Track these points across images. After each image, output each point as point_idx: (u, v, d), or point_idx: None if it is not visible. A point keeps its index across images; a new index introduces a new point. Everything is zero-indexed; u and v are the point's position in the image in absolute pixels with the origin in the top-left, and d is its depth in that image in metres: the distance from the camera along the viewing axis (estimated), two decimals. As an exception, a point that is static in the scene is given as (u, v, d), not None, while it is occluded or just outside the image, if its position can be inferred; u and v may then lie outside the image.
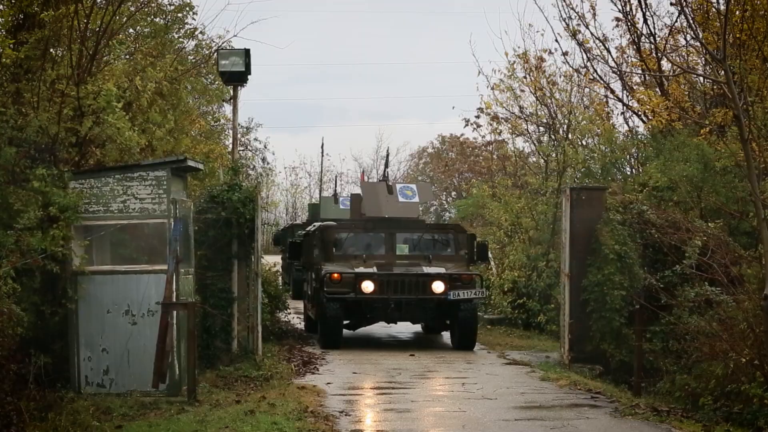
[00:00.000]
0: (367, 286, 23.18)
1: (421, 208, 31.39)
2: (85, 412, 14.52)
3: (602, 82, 32.55)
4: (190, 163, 17.36)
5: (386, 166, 34.14)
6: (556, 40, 39.70)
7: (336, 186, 51.76)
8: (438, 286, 23.33)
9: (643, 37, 29.39)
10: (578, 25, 30.71)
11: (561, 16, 30.71)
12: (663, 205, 22.15)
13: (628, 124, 33.20)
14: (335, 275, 23.25)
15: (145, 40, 23.61)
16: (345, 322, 24.44)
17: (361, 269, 23.70)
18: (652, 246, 20.90)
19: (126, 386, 16.22)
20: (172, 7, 24.63)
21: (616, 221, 20.80)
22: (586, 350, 21.41)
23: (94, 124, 17.16)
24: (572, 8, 30.64)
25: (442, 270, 23.84)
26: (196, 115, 29.18)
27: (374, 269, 23.73)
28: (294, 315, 29.19)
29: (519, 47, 37.86)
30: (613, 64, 31.52)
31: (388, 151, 42.68)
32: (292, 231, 41.07)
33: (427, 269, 23.86)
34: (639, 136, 30.10)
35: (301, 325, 28.81)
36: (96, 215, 16.47)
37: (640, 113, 30.70)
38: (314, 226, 27.21)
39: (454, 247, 25.11)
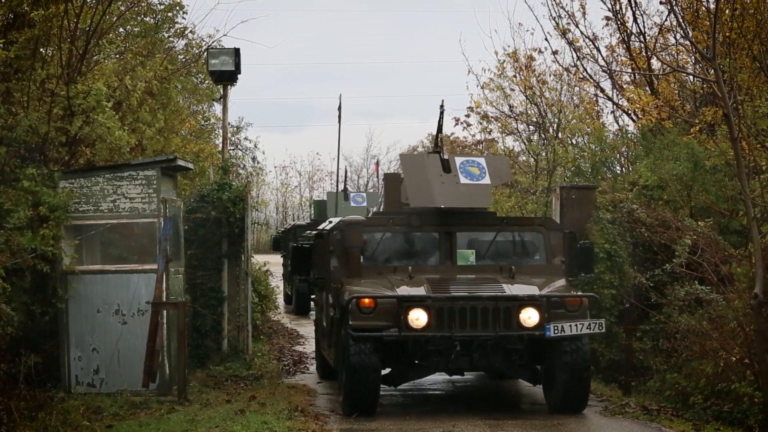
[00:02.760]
0: (418, 318, 15.00)
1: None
2: (76, 411, 14.53)
3: (592, 80, 32.53)
4: (180, 162, 17.36)
5: (439, 130, 18.87)
6: (546, 39, 39.49)
7: (345, 180, 40.93)
8: (530, 317, 15.22)
9: (632, 36, 29.39)
10: (568, 24, 30.68)
11: (551, 15, 30.61)
12: (653, 203, 22.12)
13: (617, 123, 33.20)
14: (366, 300, 15.09)
15: (135, 39, 23.60)
16: (383, 372, 15.79)
17: (406, 290, 15.54)
18: (642, 245, 20.88)
19: (116, 386, 16.22)
20: (162, 7, 24.66)
21: (606, 220, 20.79)
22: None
23: (84, 123, 17.15)
24: (562, 7, 30.60)
25: (533, 290, 15.61)
26: (186, 114, 29.16)
27: (427, 290, 15.44)
28: (285, 315, 29.17)
29: (509, 46, 37.93)
30: (602, 63, 31.51)
31: (442, 107, 20.05)
32: (295, 233, 33.96)
33: (509, 288, 15.55)
34: (629, 135, 30.06)
35: (295, 323, 28.80)
36: (86, 215, 16.46)
37: (629, 112, 30.69)
38: (330, 223, 18.35)
39: (544, 253, 16.95)
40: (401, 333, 15.04)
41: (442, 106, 18.42)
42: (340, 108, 36.04)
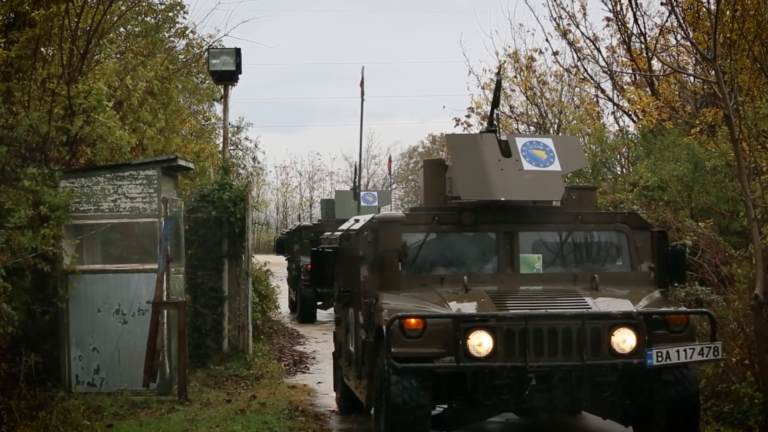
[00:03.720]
0: (481, 343, 11.66)
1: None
2: (76, 411, 14.54)
3: (593, 81, 32.50)
4: (181, 162, 17.37)
5: (495, 103, 15.23)
6: (547, 40, 39.55)
7: (356, 178, 38.42)
8: (625, 340, 11.89)
9: (633, 37, 29.37)
10: (569, 24, 30.66)
11: (551, 16, 30.59)
12: (653, 204, 22.10)
13: (618, 124, 33.19)
14: (412, 321, 11.76)
15: (136, 39, 23.63)
16: (434, 411, 12.45)
17: (463, 306, 12.23)
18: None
19: (116, 385, 16.21)
20: (163, 7, 24.69)
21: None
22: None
23: (84, 123, 17.15)
24: (563, 8, 30.59)
25: (626, 305, 12.31)
26: (186, 114, 29.17)
27: (489, 305, 12.09)
28: (285, 314, 29.17)
29: (509, 47, 37.81)
30: (603, 63, 31.48)
31: (499, 73, 20.50)
32: (300, 235, 32.31)
33: (595, 303, 12.18)
34: (629, 136, 30.07)
35: (293, 324, 28.77)
36: (87, 214, 16.46)
37: (630, 113, 30.67)
38: (357, 221, 14.91)
39: (628, 257, 13.71)
40: (459, 363, 11.59)
41: (498, 73, 17.50)
42: (362, 84, 33.31)
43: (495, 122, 14.65)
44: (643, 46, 29.15)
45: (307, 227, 33.01)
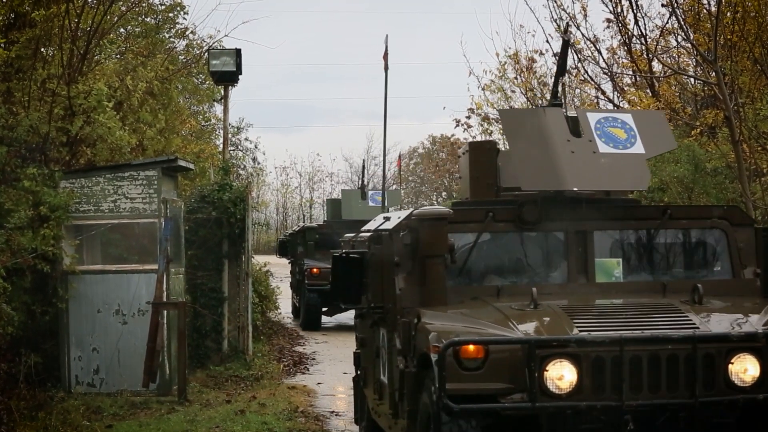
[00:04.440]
0: (562, 376, 8.92)
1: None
2: (76, 411, 14.51)
3: (593, 83, 32.56)
4: (181, 162, 17.36)
5: (560, 71, 11.65)
6: (547, 41, 39.68)
7: (363, 177, 36.43)
8: (746, 369, 9.07)
9: (634, 38, 29.40)
10: (569, 26, 30.67)
11: (552, 17, 30.61)
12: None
13: (618, 125, 33.13)
14: (471, 348, 9.06)
15: (136, 39, 23.61)
16: None
17: (534, 326, 9.46)
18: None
19: (116, 386, 16.19)
20: (163, 7, 24.66)
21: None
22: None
23: (84, 123, 17.14)
24: (563, 9, 30.63)
25: (745, 323, 9.58)
26: (186, 114, 29.18)
27: (567, 325, 9.34)
28: (288, 319, 29.16)
29: (510, 48, 37.91)
30: (603, 65, 31.53)
31: (566, 33, 14.02)
32: (305, 237, 30.21)
33: (701, 321, 9.39)
34: (630, 137, 30.02)
35: (291, 324, 28.77)
36: (87, 215, 16.45)
37: (630, 114, 30.63)
38: (387, 220, 12.21)
39: (728, 260, 10.94)
40: (534, 403, 8.76)
41: (566, 32, 13.47)
42: (386, 56, 30.87)
43: (559, 95, 11.48)
44: (643, 47, 29.18)
45: (312, 228, 31.09)
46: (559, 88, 11.37)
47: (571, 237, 10.67)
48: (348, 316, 27.88)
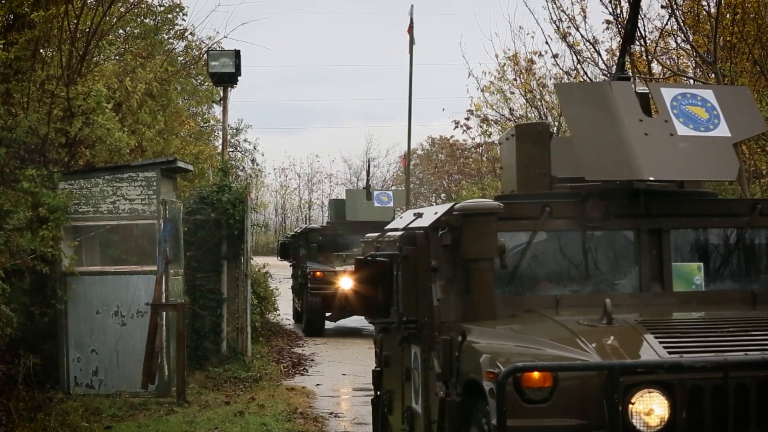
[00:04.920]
0: (652, 409, 6.97)
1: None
2: (74, 412, 14.52)
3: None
4: (180, 164, 17.36)
5: (629, 35, 9.77)
6: (547, 43, 39.55)
7: (368, 176, 34.86)
8: None
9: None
10: (568, 27, 30.61)
11: (551, 19, 30.54)
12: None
13: (618, 127, 33.14)
14: (536, 376, 7.08)
15: (135, 40, 23.62)
16: None
17: (613, 346, 7.38)
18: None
19: (115, 387, 16.19)
20: (162, 8, 24.66)
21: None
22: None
23: (83, 124, 17.14)
24: (563, 11, 30.58)
25: None
26: (185, 116, 29.21)
27: (656, 346, 7.26)
28: (285, 317, 29.12)
29: (509, 49, 37.92)
30: (603, 66, 31.50)
31: (638, 3, 10.04)
32: (307, 239, 28.84)
33: None
34: (629, 139, 30.04)
35: (291, 325, 28.77)
36: (85, 216, 16.44)
37: (629, 116, 30.65)
38: (417, 216, 9.94)
39: None
40: None
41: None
42: (411, 29, 30.10)
43: (625, 69, 9.68)
44: (643, 48, 29.17)
45: (315, 230, 29.68)
46: (627, 59, 9.73)
47: (644, 237, 8.90)
48: (351, 321, 27.71)
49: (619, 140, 8.79)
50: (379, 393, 11.70)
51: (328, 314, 27.38)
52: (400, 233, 9.65)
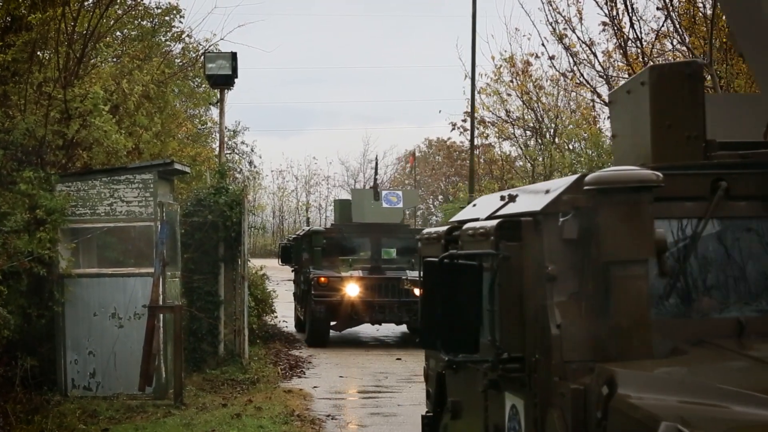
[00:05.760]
0: None
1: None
2: (72, 414, 14.51)
3: (589, 86, 32.55)
4: (177, 166, 17.36)
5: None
6: (543, 44, 39.85)
7: (376, 174, 31.52)
8: None
9: (629, 42, 29.43)
10: (565, 29, 30.71)
11: (548, 21, 30.68)
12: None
13: (614, 129, 33.22)
14: None
15: (132, 43, 23.65)
16: None
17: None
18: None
19: (112, 389, 16.19)
20: (159, 11, 24.70)
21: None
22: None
23: (81, 126, 17.14)
24: (559, 12, 30.66)
25: None
26: (183, 118, 29.19)
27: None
28: (282, 318, 29.10)
29: (505, 51, 38.02)
30: (599, 68, 31.55)
31: None
32: (310, 241, 26.91)
33: None
34: (625, 141, 30.09)
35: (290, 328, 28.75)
36: (83, 218, 16.44)
37: (626, 117, 30.69)
38: (508, 199, 6.90)
39: None
40: None
41: None
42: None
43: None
44: (639, 50, 29.20)
45: (319, 232, 27.51)
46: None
47: None
48: (358, 330, 27.35)
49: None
50: None
51: (333, 323, 25.74)
52: (493, 223, 6.45)
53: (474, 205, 8.44)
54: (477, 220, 7.09)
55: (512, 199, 6.86)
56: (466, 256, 6.35)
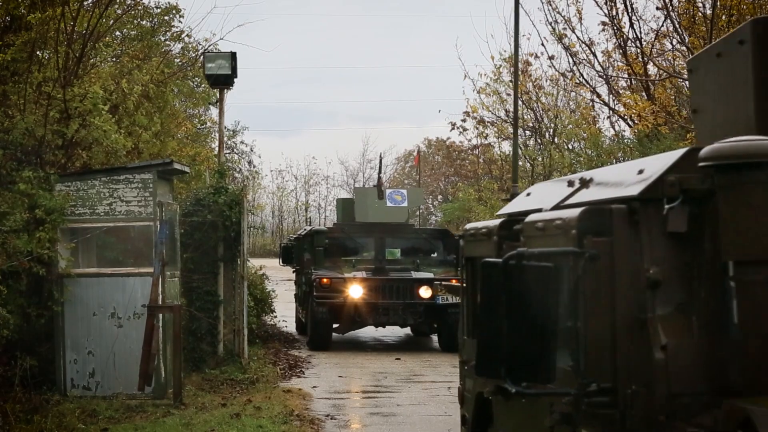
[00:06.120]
0: None
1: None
2: (71, 414, 14.50)
3: (588, 86, 32.59)
4: (176, 165, 17.35)
5: None
6: (543, 44, 39.82)
7: (380, 172, 29.96)
8: None
9: (629, 42, 29.44)
10: (564, 29, 30.77)
11: (547, 20, 30.79)
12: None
13: (614, 128, 33.29)
14: None
15: (132, 42, 23.65)
16: None
17: None
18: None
19: (112, 389, 16.18)
20: (159, 10, 24.70)
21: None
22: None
23: (80, 126, 17.13)
24: (558, 12, 30.72)
25: None
26: (182, 117, 29.19)
27: None
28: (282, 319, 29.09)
29: (505, 51, 37.94)
30: (599, 68, 31.57)
31: None
32: (312, 241, 25.84)
33: None
34: (625, 141, 30.13)
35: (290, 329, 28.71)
36: (82, 218, 16.44)
37: (626, 117, 30.73)
38: (578, 184, 5.82)
39: None
40: None
41: None
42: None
43: None
44: (638, 50, 29.20)
45: (321, 232, 26.61)
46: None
47: None
48: (358, 330, 27.18)
49: None
50: None
51: (335, 326, 25.04)
52: (574, 212, 5.14)
53: (528, 194, 7.09)
54: (539, 211, 5.78)
55: (585, 184, 5.67)
56: (538, 255, 5.00)
